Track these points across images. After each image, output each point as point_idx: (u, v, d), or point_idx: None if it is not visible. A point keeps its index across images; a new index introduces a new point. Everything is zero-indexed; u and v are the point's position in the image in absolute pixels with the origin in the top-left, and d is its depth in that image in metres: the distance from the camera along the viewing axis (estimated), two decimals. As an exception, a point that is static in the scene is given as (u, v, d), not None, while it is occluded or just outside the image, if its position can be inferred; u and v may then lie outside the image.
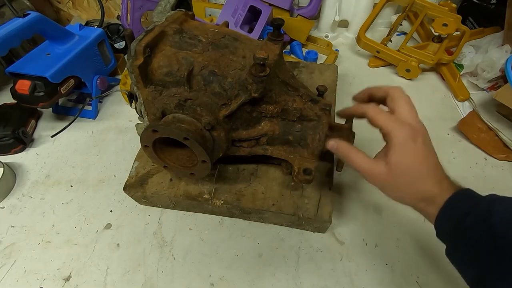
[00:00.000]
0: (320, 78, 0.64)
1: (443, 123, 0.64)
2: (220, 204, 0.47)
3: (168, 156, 0.43)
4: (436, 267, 0.45)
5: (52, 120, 0.69)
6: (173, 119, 0.39)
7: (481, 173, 0.56)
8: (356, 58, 0.80)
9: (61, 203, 0.54)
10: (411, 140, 0.33)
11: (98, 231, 0.51)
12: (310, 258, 0.46)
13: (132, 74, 0.38)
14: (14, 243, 0.50)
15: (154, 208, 0.53)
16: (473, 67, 0.69)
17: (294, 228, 0.49)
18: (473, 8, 0.82)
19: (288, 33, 0.79)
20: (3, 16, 0.72)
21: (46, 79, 0.57)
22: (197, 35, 0.41)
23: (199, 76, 0.39)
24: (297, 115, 0.43)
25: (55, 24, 0.61)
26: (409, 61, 0.70)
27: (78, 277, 0.46)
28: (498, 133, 0.58)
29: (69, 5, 0.90)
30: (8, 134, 0.60)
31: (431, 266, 0.45)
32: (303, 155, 0.44)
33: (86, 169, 0.59)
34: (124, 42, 0.79)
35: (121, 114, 0.69)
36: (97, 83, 0.67)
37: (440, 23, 0.69)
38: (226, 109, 0.40)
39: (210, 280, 0.45)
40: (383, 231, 0.49)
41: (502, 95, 0.59)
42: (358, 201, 0.52)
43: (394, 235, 0.48)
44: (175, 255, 0.47)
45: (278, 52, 0.41)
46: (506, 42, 0.69)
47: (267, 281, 0.45)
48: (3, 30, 0.53)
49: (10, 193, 0.56)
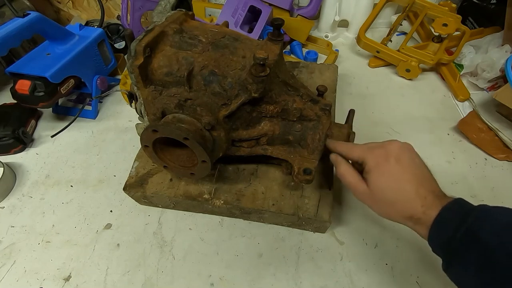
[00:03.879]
0: (320, 78, 0.64)
1: (443, 123, 0.64)
2: (220, 204, 0.47)
3: (168, 156, 0.43)
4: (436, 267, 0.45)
5: (52, 120, 0.69)
6: (173, 119, 0.39)
7: (481, 173, 0.56)
8: (356, 58, 0.80)
9: (61, 203, 0.54)
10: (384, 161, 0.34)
11: (98, 231, 0.51)
12: (310, 258, 0.46)
13: (132, 74, 0.39)
14: (14, 243, 0.50)
15: (154, 208, 0.53)
16: (473, 67, 0.69)
17: (294, 228, 0.49)
18: (473, 8, 0.82)
19: (288, 33, 0.79)
20: (3, 16, 0.72)
21: (46, 79, 0.57)
22: (197, 35, 0.41)
23: (199, 76, 0.39)
24: (297, 115, 0.43)
25: (55, 24, 0.61)
26: (409, 61, 0.70)
27: (78, 277, 0.46)
28: (498, 133, 0.58)
29: (69, 5, 0.90)
30: (8, 134, 0.60)
31: (431, 266, 0.45)
32: (303, 155, 0.44)
33: (86, 169, 0.59)
34: (124, 42, 0.79)
35: (121, 114, 0.69)
36: (97, 83, 0.67)
37: (440, 23, 0.69)
38: (226, 109, 0.40)
39: (210, 280, 0.45)
40: (383, 231, 0.49)
41: (502, 95, 0.59)
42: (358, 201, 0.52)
43: (394, 235, 0.48)
44: (175, 255, 0.47)
45: (278, 52, 0.41)
46: (506, 42, 0.69)
47: (267, 281, 0.45)
48: (3, 30, 0.53)
49: (10, 193, 0.56)
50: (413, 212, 0.32)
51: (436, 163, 0.57)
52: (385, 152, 0.34)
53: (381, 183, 0.34)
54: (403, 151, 0.35)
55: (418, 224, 0.32)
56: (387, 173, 0.34)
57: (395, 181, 0.33)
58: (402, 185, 0.33)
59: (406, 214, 0.33)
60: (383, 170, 0.34)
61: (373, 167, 0.35)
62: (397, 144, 0.35)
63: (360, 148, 0.37)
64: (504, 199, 0.52)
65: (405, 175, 0.33)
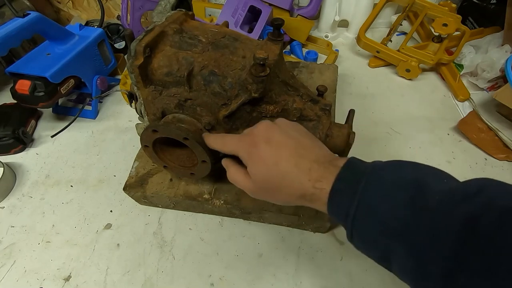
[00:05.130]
0: (320, 78, 0.64)
1: (443, 123, 0.64)
2: (220, 204, 0.47)
3: (168, 156, 0.43)
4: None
5: (52, 120, 0.69)
6: (173, 119, 0.39)
7: (481, 173, 0.56)
8: (356, 58, 0.80)
9: (61, 203, 0.54)
10: (253, 148, 0.31)
11: (98, 231, 0.51)
12: (310, 258, 0.46)
13: (132, 74, 0.39)
14: (14, 243, 0.50)
15: (154, 208, 0.53)
16: (473, 67, 0.69)
17: (294, 228, 0.49)
18: (473, 8, 0.82)
19: (288, 33, 0.79)
20: (3, 16, 0.72)
21: (46, 79, 0.57)
22: (197, 35, 0.41)
23: (199, 76, 0.39)
24: (297, 115, 0.42)
25: (55, 24, 0.61)
26: (409, 61, 0.70)
27: (78, 277, 0.46)
28: (498, 133, 0.58)
29: (69, 5, 0.90)
30: (8, 134, 0.60)
31: (431, 266, 0.45)
32: (303, 155, 0.44)
33: (86, 169, 0.59)
34: (124, 42, 0.79)
35: (121, 114, 0.69)
36: (97, 83, 0.67)
37: (440, 23, 0.69)
38: (226, 109, 0.40)
39: (210, 280, 0.45)
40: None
41: (502, 95, 0.59)
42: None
43: (394, 235, 0.48)
44: (175, 255, 0.47)
45: (278, 52, 0.41)
46: (506, 42, 0.69)
47: (267, 281, 0.45)
48: (3, 30, 0.53)
49: (10, 193, 0.56)
50: (303, 190, 0.29)
51: (436, 163, 0.56)
52: (253, 138, 0.32)
53: (259, 172, 0.31)
54: (272, 129, 0.32)
55: (314, 201, 0.29)
56: (261, 160, 0.30)
57: (272, 165, 0.30)
58: (280, 166, 0.30)
59: (297, 194, 0.30)
60: (255, 158, 0.31)
61: (247, 158, 0.32)
62: (264, 125, 0.33)
63: (232, 140, 0.34)
64: (504, 199, 0.52)
65: (279, 154, 0.30)
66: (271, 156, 0.30)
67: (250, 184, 0.33)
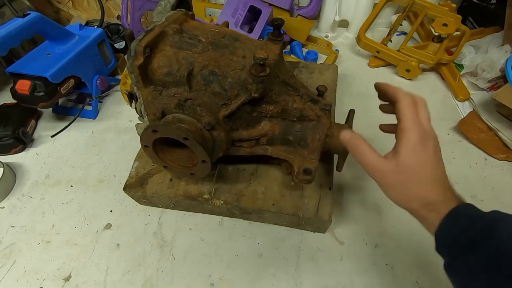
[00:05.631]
0: (320, 78, 0.64)
1: (443, 123, 0.64)
2: (220, 204, 0.47)
3: (168, 156, 0.43)
4: (436, 267, 0.45)
5: (52, 120, 0.69)
6: (173, 119, 0.39)
7: (481, 173, 0.56)
8: (356, 58, 0.80)
9: (61, 203, 0.54)
10: (424, 143, 0.32)
11: (98, 231, 0.51)
12: (310, 258, 0.46)
13: (132, 74, 0.38)
14: (14, 243, 0.50)
15: (154, 208, 0.53)
16: (473, 67, 0.69)
17: (294, 228, 0.49)
18: (473, 8, 0.82)
19: (288, 33, 0.79)
20: (3, 16, 0.72)
21: (46, 79, 0.57)
22: (197, 35, 0.41)
23: (199, 76, 0.39)
24: (297, 115, 0.42)
25: (55, 24, 0.61)
26: (409, 61, 0.70)
27: (78, 277, 0.46)
28: (498, 133, 0.58)
29: (69, 5, 0.90)
30: (8, 134, 0.60)
31: (431, 266, 0.45)
32: (303, 155, 0.44)
33: (86, 169, 0.59)
34: (124, 42, 0.79)
35: (121, 114, 0.69)
36: (97, 83, 0.67)
37: (440, 23, 0.69)
38: (226, 109, 0.40)
39: (210, 280, 0.45)
40: (383, 231, 0.49)
41: (502, 95, 0.59)
42: (358, 201, 0.52)
43: (394, 235, 0.48)
44: (175, 255, 0.47)
45: (278, 52, 0.41)
46: (506, 42, 0.69)
47: (267, 281, 0.45)
48: (3, 30, 0.53)
49: (10, 193, 0.56)
50: (434, 199, 0.31)
51: (436, 163, 0.57)
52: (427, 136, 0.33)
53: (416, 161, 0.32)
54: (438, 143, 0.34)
55: (433, 212, 0.31)
56: (424, 155, 0.32)
57: (429, 166, 0.32)
58: (434, 171, 0.32)
59: (427, 199, 0.31)
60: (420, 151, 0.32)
61: (414, 144, 0.32)
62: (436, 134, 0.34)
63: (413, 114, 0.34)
64: (504, 199, 0.52)
65: (438, 165, 0.33)
66: (432, 161, 0.32)
67: (390, 167, 0.33)
